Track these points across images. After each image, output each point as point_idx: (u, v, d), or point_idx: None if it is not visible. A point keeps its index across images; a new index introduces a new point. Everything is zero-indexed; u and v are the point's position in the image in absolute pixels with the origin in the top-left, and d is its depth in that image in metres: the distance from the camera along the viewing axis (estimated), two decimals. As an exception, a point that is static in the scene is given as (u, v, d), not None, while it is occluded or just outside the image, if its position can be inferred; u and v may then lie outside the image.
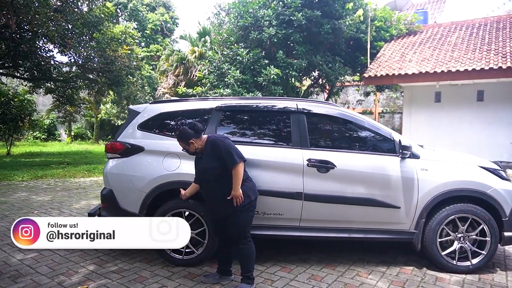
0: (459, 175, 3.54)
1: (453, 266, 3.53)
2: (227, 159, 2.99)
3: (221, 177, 3.05)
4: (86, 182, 8.72)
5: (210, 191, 3.17)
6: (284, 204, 3.55)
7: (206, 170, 3.11)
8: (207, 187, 3.20)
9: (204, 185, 3.23)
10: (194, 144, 3.10)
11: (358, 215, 3.58)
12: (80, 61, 13.32)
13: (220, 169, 3.04)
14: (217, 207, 3.15)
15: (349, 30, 11.19)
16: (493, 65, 9.64)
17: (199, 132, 3.13)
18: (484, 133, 10.98)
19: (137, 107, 4.06)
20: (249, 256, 3.11)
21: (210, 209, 3.31)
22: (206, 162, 3.10)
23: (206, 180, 3.16)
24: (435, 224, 3.51)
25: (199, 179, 3.27)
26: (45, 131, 24.86)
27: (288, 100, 3.87)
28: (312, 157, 3.53)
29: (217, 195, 3.09)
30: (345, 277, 3.46)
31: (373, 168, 3.54)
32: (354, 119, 3.74)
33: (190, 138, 3.08)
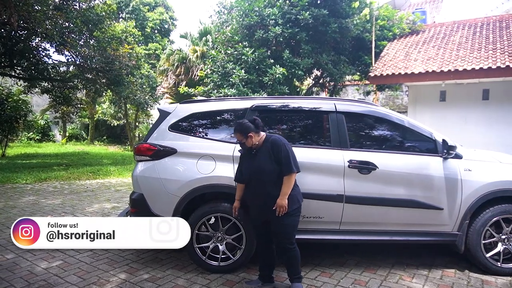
0: (503, 175, 3.47)
1: (497, 268, 3.46)
2: (285, 164, 2.87)
3: (278, 180, 2.91)
4: (93, 185, 8.48)
5: (263, 192, 2.98)
6: (324, 206, 3.43)
7: (264, 170, 2.95)
8: (260, 188, 3.00)
9: (255, 186, 3.03)
10: (252, 138, 2.95)
11: (400, 217, 3.48)
12: (78, 61, 13.02)
13: (279, 172, 2.91)
14: (267, 209, 2.95)
15: (356, 29, 11.15)
16: (500, 64, 9.66)
17: (259, 127, 3.00)
18: (491, 133, 11.01)
19: (166, 107, 3.90)
20: (297, 259, 3.05)
21: (256, 211, 3.12)
22: (263, 162, 2.95)
23: (260, 181, 2.98)
24: (479, 225, 3.43)
25: (249, 178, 3.06)
26: (39, 132, 24.35)
27: (325, 100, 3.76)
28: (353, 158, 3.42)
29: (269, 197, 2.94)
30: (389, 281, 3.36)
31: (415, 169, 3.45)
32: (393, 118, 3.64)
33: (250, 131, 2.93)
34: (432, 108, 12.06)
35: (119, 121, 22.87)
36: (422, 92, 12.28)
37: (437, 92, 11.89)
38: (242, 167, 3.12)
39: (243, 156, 3.12)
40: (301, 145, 3.55)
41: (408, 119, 3.71)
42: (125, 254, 4.03)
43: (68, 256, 3.94)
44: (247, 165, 3.07)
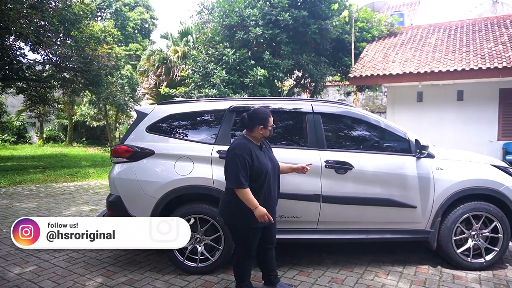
0: (473, 174, 3.60)
1: (467, 263, 3.58)
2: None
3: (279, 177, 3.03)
4: (70, 187, 8.30)
5: (277, 191, 2.98)
6: (301, 206, 3.48)
7: (277, 165, 2.98)
8: (275, 186, 2.91)
9: (273, 185, 2.87)
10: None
11: (375, 216, 3.57)
12: (54, 59, 12.70)
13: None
14: (275, 209, 2.98)
15: (335, 31, 11.30)
16: (473, 66, 10.00)
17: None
18: (465, 132, 11.37)
19: (144, 108, 3.87)
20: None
21: (273, 211, 2.90)
22: (274, 157, 2.99)
23: (276, 178, 2.94)
24: (451, 222, 3.55)
25: (265, 176, 2.77)
26: (14, 133, 23.62)
27: (302, 101, 3.80)
28: (330, 158, 3.48)
29: (278, 196, 3.02)
30: (365, 278, 3.43)
31: (391, 168, 3.54)
32: (369, 119, 3.72)
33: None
34: (410, 109, 12.36)
35: (99, 122, 22.42)
36: (400, 93, 12.57)
37: (414, 93, 12.20)
38: (258, 167, 2.74)
39: (258, 154, 2.79)
40: (279, 146, 3.58)
41: (383, 119, 3.80)
42: (102, 257, 3.97)
43: (43, 261, 3.86)
44: (263, 161, 2.78)
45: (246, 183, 2.66)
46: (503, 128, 11.02)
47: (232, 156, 2.71)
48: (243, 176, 2.65)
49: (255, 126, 2.80)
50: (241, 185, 2.64)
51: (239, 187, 2.65)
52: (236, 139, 2.90)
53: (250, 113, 2.87)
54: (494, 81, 10.78)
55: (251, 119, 2.82)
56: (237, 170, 2.65)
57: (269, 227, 2.97)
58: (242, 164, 2.66)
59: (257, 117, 2.81)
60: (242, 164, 2.66)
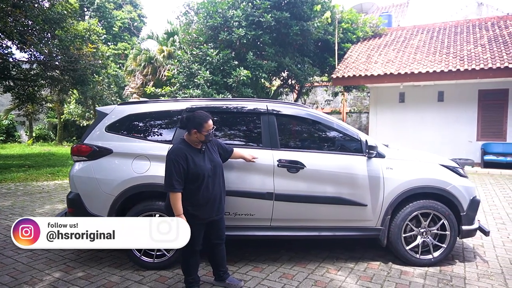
0: (422, 173, 3.72)
1: (416, 259, 3.71)
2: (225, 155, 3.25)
3: (223, 175, 3.12)
4: (50, 186, 8.36)
5: (218, 189, 3.05)
6: (255, 204, 3.58)
7: (220, 164, 3.09)
8: (217, 184, 3.03)
9: (213, 183, 2.99)
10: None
11: (327, 214, 3.68)
12: (41, 58, 12.73)
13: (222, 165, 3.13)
14: (222, 206, 3.10)
15: (317, 32, 11.42)
16: (451, 68, 10.17)
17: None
18: (445, 132, 11.55)
19: (104, 108, 3.96)
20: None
21: (211, 210, 3.01)
22: (216, 156, 3.08)
23: (218, 176, 3.03)
24: (400, 220, 3.67)
25: (203, 177, 2.90)
26: (3, 132, 23.56)
27: (258, 101, 3.91)
28: (282, 157, 3.59)
29: (224, 193, 3.12)
30: (315, 274, 3.54)
31: (341, 168, 3.65)
32: (323, 120, 3.83)
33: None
34: (392, 109, 12.53)
35: (89, 121, 22.40)
36: (383, 93, 12.74)
37: (396, 94, 12.37)
38: (194, 170, 2.88)
39: (196, 156, 2.93)
40: (234, 146, 3.68)
41: (337, 120, 3.91)
42: (65, 254, 4.06)
43: (5, 257, 3.94)
44: (199, 163, 2.91)
45: (178, 187, 2.83)
46: (482, 128, 11.21)
47: (168, 161, 2.88)
48: (176, 180, 2.80)
49: (191, 129, 2.93)
50: (172, 188, 2.82)
51: (170, 190, 2.83)
52: (175, 143, 3.05)
53: (188, 116, 2.98)
54: (473, 83, 10.97)
55: (188, 122, 2.94)
56: (171, 174, 2.82)
57: (215, 223, 3.09)
58: (176, 169, 2.81)
59: (193, 121, 2.92)
60: (176, 169, 2.81)
